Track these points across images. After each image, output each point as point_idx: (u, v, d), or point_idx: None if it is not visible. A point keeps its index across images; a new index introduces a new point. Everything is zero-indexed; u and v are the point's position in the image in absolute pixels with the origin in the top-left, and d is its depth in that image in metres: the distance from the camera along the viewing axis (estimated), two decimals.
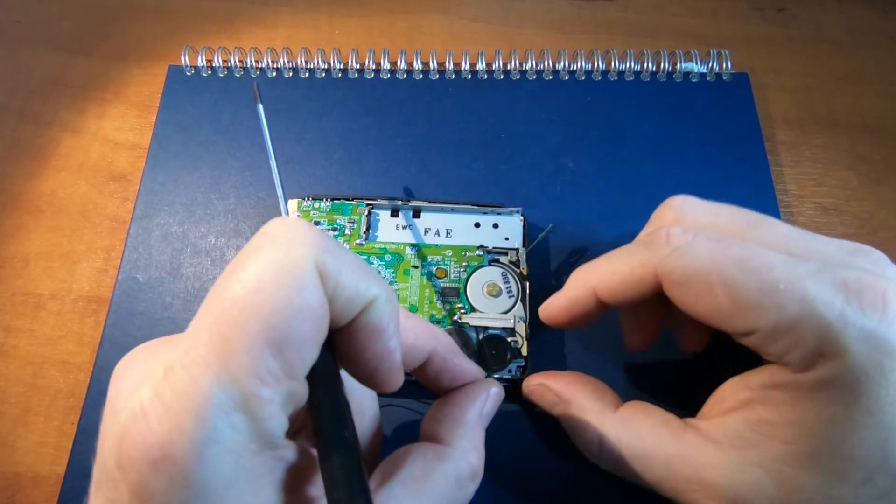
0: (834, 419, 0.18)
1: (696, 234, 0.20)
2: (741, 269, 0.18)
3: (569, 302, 0.23)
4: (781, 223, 0.21)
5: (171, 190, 0.34)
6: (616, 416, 0.22)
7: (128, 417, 0.14)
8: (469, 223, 0.31)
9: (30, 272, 0.32)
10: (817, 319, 0.17)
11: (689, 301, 0.19)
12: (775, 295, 0.18)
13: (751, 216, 0.22)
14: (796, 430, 0.18)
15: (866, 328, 0.17)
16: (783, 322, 0.18)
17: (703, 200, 0.22)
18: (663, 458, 0.21)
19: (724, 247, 0.19)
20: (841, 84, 0.38)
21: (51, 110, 0.37)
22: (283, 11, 0.41)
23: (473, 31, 0.40)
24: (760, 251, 0.19)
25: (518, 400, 0.28)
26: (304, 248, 0.15)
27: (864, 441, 0.18)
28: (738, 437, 0.20)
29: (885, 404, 0.17)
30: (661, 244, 0.20)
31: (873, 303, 0.18)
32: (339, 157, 0.34)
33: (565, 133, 0.35)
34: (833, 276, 0.18)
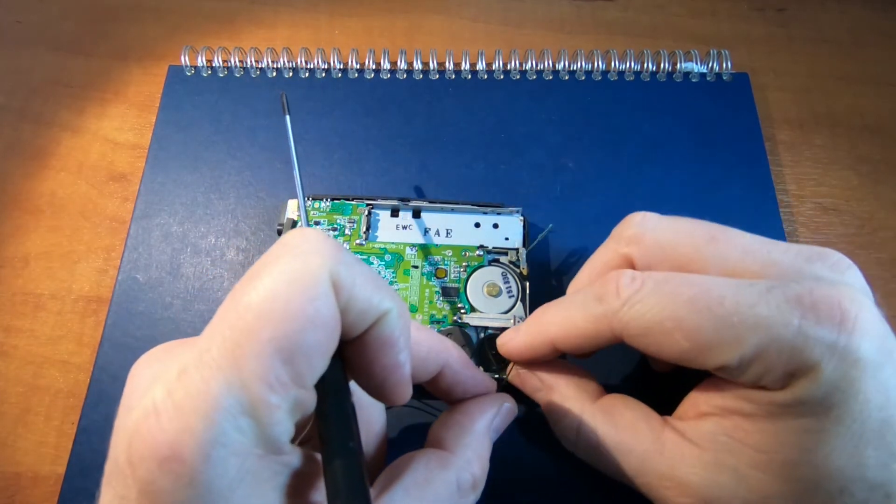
0: (806, 430, 0.18)
1: (644, 280, 0.20)
2: (693, 310, 0.18)
3: (527, 347, 0.23)
4: (739, 233, 0.21)
5: (171, 190, 0.34)
6: (596, 406, 0.23)
7: (140, 415, 0.14)
8: (469, 223, 0.31)
9: (30, 272, 0.32)
10: (778, 343, 0.17)
11: (653, 349, 0.19)
12: (731, 330, 0.18)
13: (708, 230, 0.21)
14: (769, 440, 0.19)
15: (827, 340, 0.17)
16: (747, 354, 0.18)
17: (662, 217, 0.22)
18: (639, 452, 0.21)
19: (673, 288, 0.19)
20: (841, 84, 0.38)
21: (51, 110, 0.37)
22: (283, 11, 0.41)
23: (473, 31, 0.40)
24: (709, 284, 0.19)
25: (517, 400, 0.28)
26: (320, 259, 0.15)
27: (837, 451, 0.18)
28: (713, 440, 0.20)
29: (856, 413, 0.17)
30: (612, 298, 0.20)
31: (829, 315, 0.17)
32: (339, 157, 0.34)
33: (565, 133, 0.35)
34: (785, 294, 0.18)
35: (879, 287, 0.32)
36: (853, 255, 0.32)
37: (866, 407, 0.17)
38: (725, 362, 0.18)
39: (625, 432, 0.22)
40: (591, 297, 0.21)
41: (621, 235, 0.23)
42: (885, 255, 0.33)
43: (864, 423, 0.17)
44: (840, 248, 0.32)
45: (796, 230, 0.33)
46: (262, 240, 0.32)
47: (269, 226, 0.33)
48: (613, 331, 0.20)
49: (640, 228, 0.22)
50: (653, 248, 0.22)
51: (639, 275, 0.20)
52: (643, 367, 0.28)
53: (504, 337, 0.25)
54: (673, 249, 0.21)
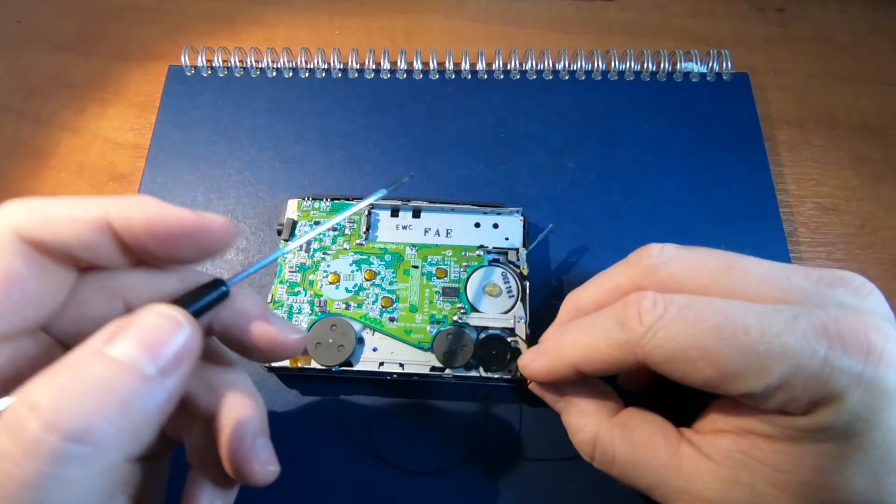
0: (826, 454, 0.18)
1: (667, 306, 0.19)
2: (718, 339, 0.18)
3: (549, 371, 0.23)
4: (755, 261, 0.21)
5: (171, 190, 0.34)
6: (614, 421, 0.23)
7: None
8: (469, 223, 0.31)
9: None
10: (804, 372, 0.17)
11: (678, 376, 0.19)
12: (758, 359, 0.18)
13: (724, 260, 0.21)
14: (788, 460, 0.19)
15: (854, 371, 0.17)
16: (772, 383, 0.18)
17: (679, 248, 0.22)
18: (656, 467, 0.21)
19: (697, 315, 0.19)
20: (841, 84, 0.38)
21: (51, 110, 0.37)
22: (283, 11, 0.41)
23: (473, 31, 0.40)
24: (734, 311, 0.18)
25: (517, 400, 0.28)
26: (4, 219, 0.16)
27: (856, 476, 0.18)
28: (730, 457, 0.20)
29: (878, 441, 0.17)
30: (635, 324, 0.19)
31: (856, 346, 0.17)
32: (339, 157, 0.34)
33: (565, 133, 0.35)
34: (811, 322, 0.18)
35: (880, 287, 0.32)
36: (853, 255, 0.33)
37: (889, 436, 0.17)
38: (750, 390, 0.18)
39: (642, 448, 0.21)
40: (612, 322, 0.20)
41: (638, 263, 0.22)
42: (885, 255, 0.33)
43: (886, 452, 0.17)
44: (840, 248, 0.33)
45: (796, 230, 0.33)
46: (262, 240, 0.32)
47: (269, 226, 0.33)
48: (636, 357, 0.20)
49: (657, 260, 0.22)
50: (668, 281, 0.21)
51: (661, 299, 0.20)
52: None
53: (525, 359, 0.24)
54: (690, 281, 0.21)
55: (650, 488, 0.21)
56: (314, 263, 0.30)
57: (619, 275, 0.23)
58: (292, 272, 0.29)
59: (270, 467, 0.19)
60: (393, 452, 0.27)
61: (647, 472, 0.21)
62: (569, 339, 0.22)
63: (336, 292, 0.29)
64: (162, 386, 0.16)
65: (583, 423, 0.23)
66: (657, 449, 0.21)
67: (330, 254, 0.30)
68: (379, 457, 0.27)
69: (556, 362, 0.23)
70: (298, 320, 0.28)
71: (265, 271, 0.31)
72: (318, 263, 0.30)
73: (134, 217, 0.17)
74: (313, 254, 0.30)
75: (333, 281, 0.29)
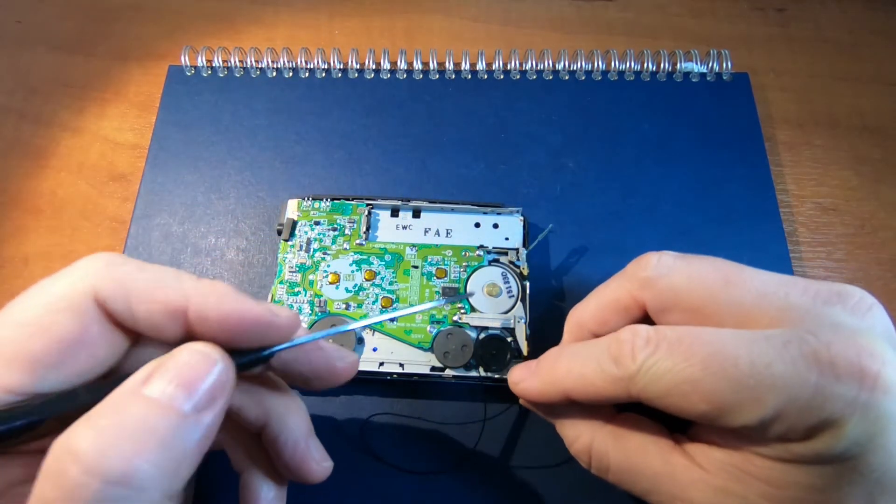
0: (821, 475, 0.18)
1: (658, 343, 0.19)
2: (708, 373, 0.18)
3: (540, 395, 0.23)
4: (754, 273, 0.21)
5: (171, 190, 0.34)
6: (607, 429, 0.23)
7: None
8: (469, 223, 0.31)
9: (30, 272, 0.32)
10: (797, 402, 0.17)
11: (675, 410, 0.19)
12: (749, 392, 0.18)
13: (723, 272, 0.21)
14: (781, 477, 0.18)
15: (848, 397, 0.17)
16: (768, 415, 0.17)
17: (678, 258, 0.22)
18: (650, 475, 0.21)
19: (686, 349, 0.19)
20: (841, 84, 0.38)
21: (51, 110, 0.37)
22: (283, 11, 0.41)
23: (473, 31, 0.40)
24: (723, 343, 0.18)
25: (517, 400, 0.28)
26: (84, 279, 0.17)
27: (850, 496, 0.18)
28: (722, 468, 0.20)
29: (874, 465, 0.17)
30: (628, 361, 0.20)
31: (849, 372, 0.17)
32: (339, 157, 0.34)
33: (565, 133, 0.35)
34: (801, 350, 0.17)
35: (879, 287, 0.32)
36: (853, 255, 0.33)
37: (886, 460, 0.17)
38: (746, 423, 0.18)
39: (635, 456, 0.21)
40: (606, 357, 0.20)
41: (635, 276, 0.22)
42: (885, 255, 0.33)
43: (882, 475, 0.17)
44: (840, 248, 0.33)
45: (796, 230, 0.33)
46: (262, 240, 0.32)
47: (269, 226, 0.33)
48: (630, 393, 0.20)
49: (655, 272, 0.22)
50: (666, 293, 0.21)
51: (653, 335, 0.20)
52: None
53: (516, 376, 0.24)
54: (687, 294, 0.21)
55: (646, 494, 0.21)
56: (314, 263, 0.30)
57: (617, 288, 0.23)
58: (292, 272, 0.29)
59: (325, 463, 0.21)
60: (392, 452, 0.27)
61: (642, 479, 0.21)
62: (563, 366, 0.22)
63: (336, 292, 0.29)
64: (198, 422, 0.16)
65: (576, 433, 0.23)
66: (650, 457, 0.21)
67: (330, 254, 0.30)
68: (378, 457, 0.27)
69: (548, 388, 0.23)
70: None
71: (265, 271, 0.31)
72: (318, 263, 0.30)
73: (211, 309, 0.18)
74: (313, 254, 0.30)
75: (333, 281, 0.29)
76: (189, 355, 0.17)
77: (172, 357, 0.16)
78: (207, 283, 0.18)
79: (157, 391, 0.16)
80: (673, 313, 0.21)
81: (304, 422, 0.21)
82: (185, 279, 0.18)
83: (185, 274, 0.18)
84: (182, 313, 0.18)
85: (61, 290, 0.17)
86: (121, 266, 0.18)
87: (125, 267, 0.18)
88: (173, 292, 0.18)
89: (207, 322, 0.18)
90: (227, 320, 0.18)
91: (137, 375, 0.16)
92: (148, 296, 0.18)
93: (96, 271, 0.18)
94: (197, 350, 0.17)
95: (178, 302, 0.18)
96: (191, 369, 0.16)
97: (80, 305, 0.17)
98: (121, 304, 0.17)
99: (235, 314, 0.18)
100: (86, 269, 0.18)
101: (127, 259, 0.18)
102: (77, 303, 0.17)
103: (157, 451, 0.15)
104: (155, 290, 0.18)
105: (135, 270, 0.18)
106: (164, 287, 0.18)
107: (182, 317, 0.18)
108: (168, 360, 0.16)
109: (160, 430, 0.15)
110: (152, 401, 0.15)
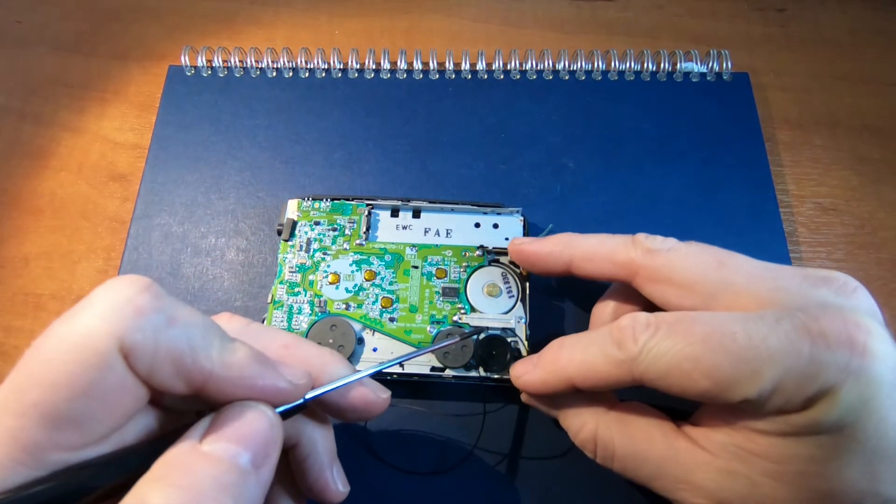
0: (820, 445, 0.18)
1: (658, 325, 0.20)
2: (708, 349, 0.19)
3: (543, 384, 0.23)
4: (746, 260, 0.22)
5: (171, 190, 0.34)
6: (611, 416, 0.23)
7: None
8: (469, 223, 0.31)
9: (30, 272, 0.32)
10: (793, 372, 0.18)
11: (677, 391, 0.20)
12: (748, 364, 0.18)
13: (716, 255, 0.22)
14: (782, 452, 0.19)
15: (841, 364, 0.18)
16: (766, 387, 0.18)
17: (678, 241, 0.23)
18: (655, 459, 0.21)
19: (686, 328, 0.19)
20: (841, 84, 0.38)
21: (51, 110, 0.37)
22: (283, 11, 0.41)
23: (473, 31, 0.40)
24: (719, 321, 0.19)
25: (517, 400, 0.28)
26: (109, 326, 0.15)
27: (850, 465, 0.18)
28: (725, 449, 0.20)
29: (870, 431, 0.18)
30: (630, 344, 0.20)
31: (839, 341, 0.18)
32: (339, 157, 0.34)
33: (565, 133, 0.35)
34: (792, 323, 0.18)
35: (879, 287, 0.32)
36: (853, 255, 0.33)
37: (882, 425, 0.18)
38: (747, 396, 0.18)
39: (640, 441, 0.22)
40: (608, 342, 0.21)
41: (641, 244, 0.24)
42: (885, 255, 0.33)
43: (879, 441, 0.18)
44: (840, 248, 0.33)
45: (796, 230, 0.33)
46: (262, 240, 0.32)
47: (269, 226, 0.33)
48: (633, 375, 0.20)
49: (661, 246, 0.23)
50: (662, 267, 0.23)
51: (653, 319, 0.20)
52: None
53: (518, 370, 0.24)
54: (682, 270, 0.22)
55: (651, 479, 0.22)
56: (314, 264, 0.30)
57: (620, 245, 0.24)
58: (292, 272, 0.29)
59: (343, 489, 0.21)
60: (392, 452, 0.27)
61: (647, 464, 0.22)
62: (566, 354, 0.23)
63: (336, 292, 0.29)
64: (259, 478, 0.16)
65: (580, 422, 0.23)
66: (654, 441, 0.22)
67: (330, 254, 0.30)
68: (379, 457, 0.27)
69: (552, 376, 0.23)
70: (298, 320, 0.28)
71: (265, 271, 0.31)
72: (318, 264, 0.30)
73: (229, 388, 0.17)
74: (313, 254, 0.30)
75: (333, 281, 0.29)
76: (242, 411, 0.17)
77: (226, 414, 0.17)
78: (231, 353, 0.17)
79: (220, 449, 0.16)
80: (664, 286, 0.22)
81: (332, 447, 0.21)
82: (213, 345, 0.17)
83: (213, 330, 0.17)
84: (201, 384, 0.17)
85: (84, 340, 0.15)
86: (150, 315, 0.16)
87: (154, 318, 0.16)
88: (197, 370, 0.17)
89: (223, 394, 0.17)
90: (247, 396, 0.18)
91: (193, 433, 0.16)
92: (172, 362, 0.16)
93: (123, 318, 0.16)
94: (250, 407, 0.17)
95: (200, 378, 0.17)
96: (246, 426, 0.17)
97: (105, 357, 0.15)
98: (146, 361, 0.16)
99: (254, 393, 0.18)
100: (112, 312, 0.16)
101: (153, 299, 0.16)
102: (102, 352, 0.15)
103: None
104: (182, 358, 0.16)
105: (164, 325, 0.16)
106: (192, 357, 0.17)
107: (198, 385, 0.17)
108: (223, 417, 0.17)
109: (231, 487, 0.15)
110: (216, 458, 0.16)
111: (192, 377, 0.17)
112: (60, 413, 0.15)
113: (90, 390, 0.15)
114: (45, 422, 0.15)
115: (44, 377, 0.15)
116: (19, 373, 0.15)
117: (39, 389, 0.15)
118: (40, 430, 0.15)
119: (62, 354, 0.15)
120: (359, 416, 0.22)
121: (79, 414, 0.15)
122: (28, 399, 0.15)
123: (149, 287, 0.16)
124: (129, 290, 0.16)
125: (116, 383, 0.16)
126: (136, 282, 0.16)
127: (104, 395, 0.15)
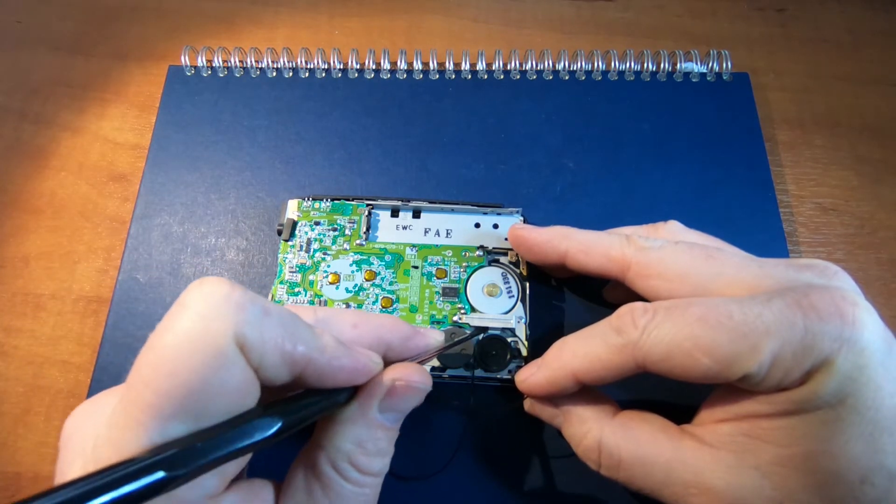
0: (823, 421, 0.19)
1: (656, 309, 0.21)
2: (706, 327, 0.19)
3: (549, 383, 0.23)
4: (734, 252, 0.23)
5: (171, 190, 0.34)
6: (615, 423, 0.23)
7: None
8: (469, 223, 0.31)
9: (30, 272, 0.32)
10: (790, 345, 0.18)
11: (679, 372, 0.20)
12: (745, 340, 0.19)
13: (705, 249, 0.23)
14: (788, 434, 0.19)
15: (834, 333, 0.18)
16: (765, 361, 0.19)
17: (670, 240, 0.24)
18: (662, 463, 0.21)
19: (683, 310, 0.20)
20: (841, 84, 0.38)
21: (51, 110, 0.37)
22: (283, 11, 0.41)
23: (473, 31, 0.40)
24: (714, 301, 0.20)
25: (516, 400, 0.28)
26: (222, 324, 0.16)
27: (854, 439, 0.18)
28: (732, 442, 0.20)
29: (869, 401, 0.18)
30: (630, 329, 0.21)
31: (830, 313, 0.19)
32: (339, 157, 0.34)
33: (565, 133, 0.35)
34: (785, 300, 0.19)
35: (879, 287, 0.32)
36: (853, 255, 0.33)
37: (878, 395, 0.18)
38: (747, 371, 0.19)
39: (646, 446, 0.22)
40: (609, 331, 0.22)
41: (634, 242, 0.24)
42: (885, 255, 0.33)
43: (878, 411, 0.18)
44: (840, 248, 0.33)
45: (796, 230, 0.33)
46: (262, 240, 0.32)
47: (269, 226, 0.33)
48: (636, 360, 0.21)
49: (652, 244, 0.24)
50: (654, 263, 0.23)
51: (650, 306, 0.21)
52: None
53: (522, 374, 0.24)
54: (673, 262, 0.23)
55: (660, 487, 0.21)
56: (314, 264, 0.30)
57: (615, 241, 0.25)
58: (292, 272, 0.29)
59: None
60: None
61: (655, 470, 0.21)
62: (569, 349, 0.23)
63: (336, 292, 0.29)
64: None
65: (584, 429, 0.23)
66: (661, 444, 0.22)
67: (330, 254, 0.30)
68: None
69: (557, 373, 0.23)
70: None
71: (265, 271, 0.31)
72: (318, 264, 0.30)
73: (325, 367, 0.19)
74: (313, 254, 0.30)
75: (333, 281, 0.29)
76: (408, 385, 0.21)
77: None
78: (320, 338, 0.19)
79: (392, 419, 0.21)
80: (656, 280, 0.23)
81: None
82: (307, 331, 0.18)
83: (300, 318, 0.18)
84: (301, 369, 0.18)
85: (206, 338, 0.16)
86: (250, 308, 0.17)
87: (254, 310, 0.17)
88: (300, 355, 0.18)
89: (320, 378, 0.19)
90: (336, 375, 0.19)
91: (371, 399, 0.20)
92: (277, 350, 0.17)
93: (230, 314, 0.16)
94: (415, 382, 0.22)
95: (302, 363, 0.18)
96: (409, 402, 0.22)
97: (228, 354, 0.16)
98: (256, 352, 0.17)
99: (343, 374, 0.19)
100: (217, 309, 0.16)
101: (244, 293, 0.17)
102: (224, 349, 0.16)
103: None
104: (285, 346, 0.17)
105: (264, 317, 0.17)
106: (292, 344, 0.17)
107: (299, 370, 0.18)
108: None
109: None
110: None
111: (296, 363, 0.18)
112: (188, 413, 0.16)
113: (220, 389, 0.16)
114: (184, 422, 0.16)
115: (175, 380, 0.15)
116: (143, 381, 0.16)
117: (173, 395, 0.15)
118: (181, 425, 0.16)
119: (187, 357, 0.16)
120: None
121: (211, 412, 0.16)
122: (162, 403, 0.15)
123: (233, 284, 0.17)
124: (223, 287, 0.17)
125: (240, 377, 0.16)
126: (221, 280, 0.17)
127: (229, 392, 0.16)
